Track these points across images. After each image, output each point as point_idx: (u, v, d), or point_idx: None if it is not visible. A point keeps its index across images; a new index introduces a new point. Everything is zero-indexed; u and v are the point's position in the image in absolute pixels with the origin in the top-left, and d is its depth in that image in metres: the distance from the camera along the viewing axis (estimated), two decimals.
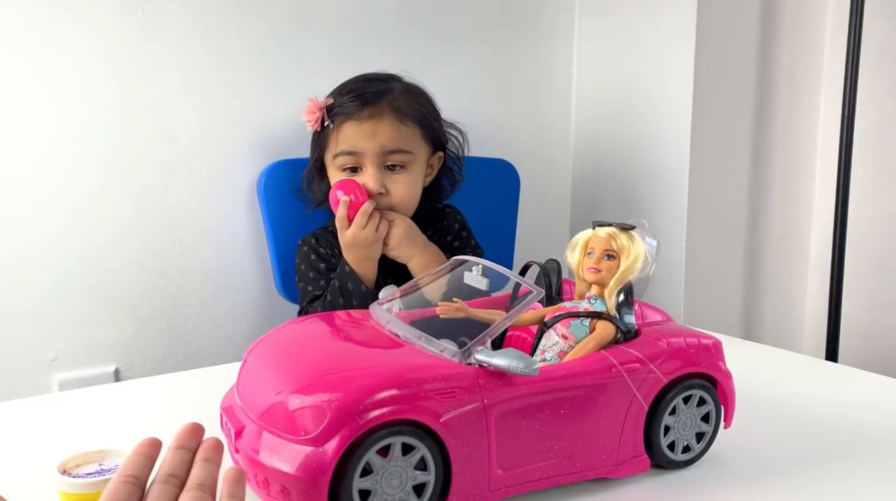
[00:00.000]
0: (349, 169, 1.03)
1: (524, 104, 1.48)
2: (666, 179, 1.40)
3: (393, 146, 1.01)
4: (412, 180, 1.04)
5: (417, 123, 1.04)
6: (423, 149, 1.05)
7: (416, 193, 1.05)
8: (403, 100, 1.04)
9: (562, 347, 0.58)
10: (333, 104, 1.03)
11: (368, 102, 1.02)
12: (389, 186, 1.02)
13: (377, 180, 1.01)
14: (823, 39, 1.49)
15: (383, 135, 1.01)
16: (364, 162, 1.02)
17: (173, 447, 0.43)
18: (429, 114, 1.07)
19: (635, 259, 0.58)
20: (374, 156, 1.01)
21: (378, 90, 1.04)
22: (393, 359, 0.53)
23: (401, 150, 1.02)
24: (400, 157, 1.02)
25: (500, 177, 1.38)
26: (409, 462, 0.48)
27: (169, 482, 0.41)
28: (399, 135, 1.02)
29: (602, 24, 1.49)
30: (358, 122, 1.01)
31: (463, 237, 1.11)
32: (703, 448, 0.60)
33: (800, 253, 1.56)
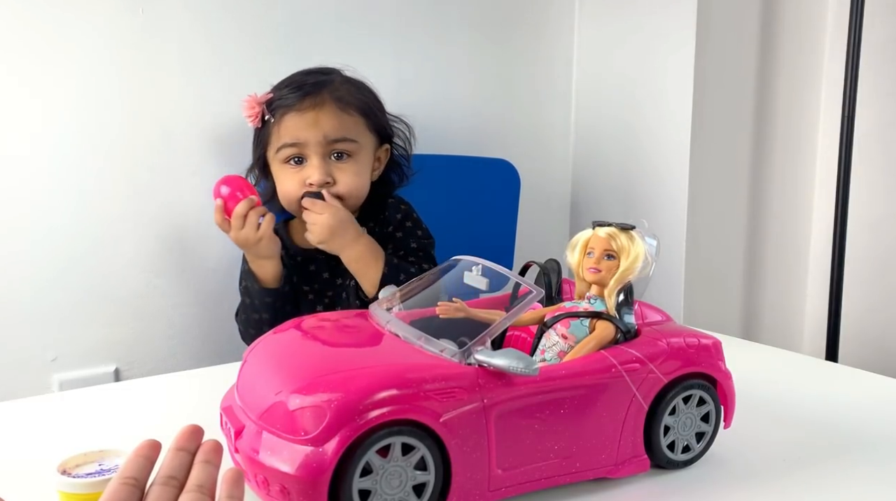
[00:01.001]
0: (294, 160, 1.01)
1: (524, 104, 1.49)
2: (666, 179, 1.40)
3: (337, 135, 1.00)
4: (359, 169, 1.02)
5: (361, 113, 1.02)
6: (368, 139, 1.04)
7: (363, 183, 1.03)
8: (345, 89, 1.03)
9: (562, 347, 0.58)
10: (273, 98, 1.02)
11: (309, 93, 1.00)
12: (336, 175, 1.01)
13: (322, 170, 0.99)
14: (823, 40, 1.49)
15: (326, 124, 0.99)
16: (308, 152, 1.00)
17: (173, 449, 0.43)
18: (372, 104, 1.05)
19: (635, 259, 0.58)
20: (318, 145, 0.99)
21: (318, 81, 1.02)
22: (393, 359, 0.53)
23: (346, 139, 1.00)
24: (345, 146, 1.01)
25: (500, 177, 1.38)
26: (409, 462, 0.48)
27: (168, 483, 0.41)
28: (342, 124, 1.00)
29: (602, 24, 1.49)
30: (299, 113, 0.99)
31: (406, 227, 1.08)
32: (703, 448, 0.60)
33: (800, 254, 1.56)
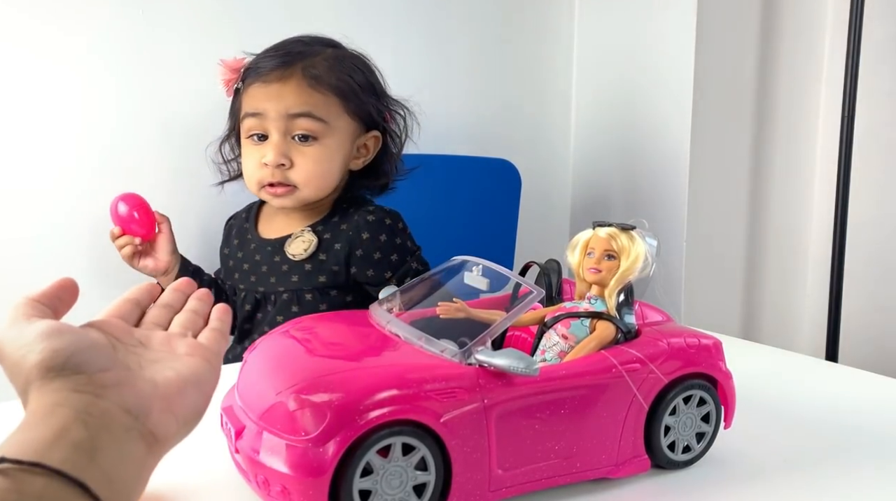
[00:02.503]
0: (257, 136, 0.93)
1: (524, 104, 1.49)
2: (666, 179, 1.40)
3: (299, 109, 0.91)
4: (323, 156, 0.93)
5: (337, 93, 0.93)
6: (343, 123, 0.94)
7: (326, 172, 0.94)
8: (324, 66, 0.93)
9: (562, 347, 0.58)
10: (249, 64, 0.95)
11: (282, 64, 0.92)
12: (295, 158, 0.92)
13: (279, 150, 0.91)
14: (823, 40, 1.49)
15: (290, 98, 0.91)
16: (268, 127, 0.92)
17: (170, 289, 0.49)
18: (358, 85, 0.95)
19: (636, 259, 0.58)
20: (279, 119, 0.91)
21: (298, 52, 0.94)
22: (393, 360, 0.53)
23: (310, 116, 0.91)
24: (309, 125, 0.91)
25: (501, 177, 1.38)
26: (410, 462, 0.48)
27: (166, 308, 0.48)
28: (308, 100, 0.91)
29: (602, 25, 1.49)
30: (265, 83, 0.92)
31: (356, 257, 0.94)
32: (704, 449, 0.60)
33: (800, 254, 1.56)
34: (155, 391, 0.39)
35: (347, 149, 0.96)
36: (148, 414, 0.37)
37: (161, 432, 0.38)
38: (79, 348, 0.37)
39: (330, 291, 0.96)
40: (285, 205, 0.96)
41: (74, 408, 0.34)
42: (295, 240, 0.96)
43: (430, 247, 1.29)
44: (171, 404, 0.39)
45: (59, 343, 0.37)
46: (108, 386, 0.37)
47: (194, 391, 0.41)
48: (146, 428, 0.37)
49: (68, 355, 0.37)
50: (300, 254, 0.95)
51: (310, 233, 0.96)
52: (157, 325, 0.46)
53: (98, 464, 0.33)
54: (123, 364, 0.40)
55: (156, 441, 0.38)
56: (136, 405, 0.37)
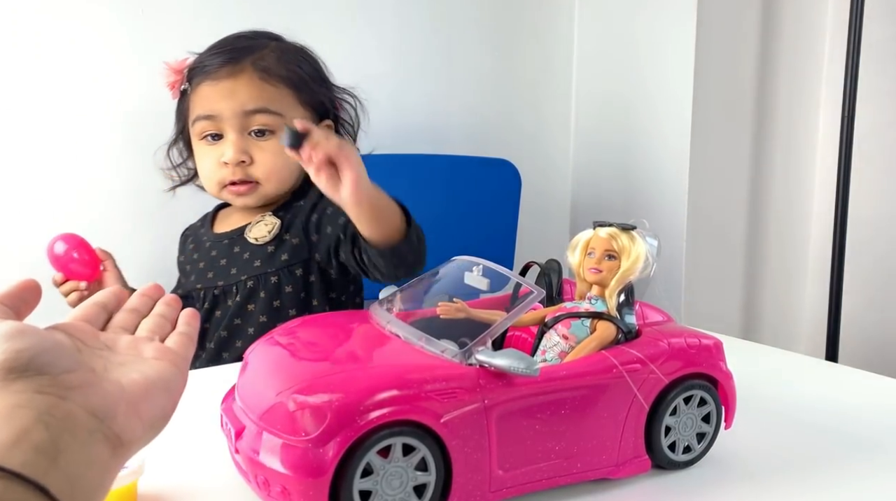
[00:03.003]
0: (211, 136, 0.92)
1: (524, 104, 1.49)
2: (666, 179, 1.40)
3: (255, 105, 0.90)
4: (282, 149, 0.92)
5: (289, 85, 0.92)
6: (297, 113, 0.93)
7: (286, 164, 0.92)
8: (272, 58, 0.92)
9: (562, 347, 0.58)
10: (193, 64, 0.93)
11: (230, 60, 0.90)
12: (255, 154, 0.91)
13: (238, 148, 0.90)
14: (823, 40, 1.49)
15: (243, 94, 0.89)
16: (224, 127, 0.90)
17: (137, 294, 0.49)
18: (307, 75, 0.95)
19: (636, 259, 0.58)
20: (235, 118, 0.89)
21: (245, 47, 0.92)
22: (393, 360, 0.53)
23: (266, 111, 0.90)
24: (265, 119, 0.90)
25: (501, 177, 1.38)
26: (410, 462, 0.48)
27: (133, 313, 0.47)
28: (263, 94, 0.90)
29: (602, 24, 1.49)
30: (215, 82, 0.90)
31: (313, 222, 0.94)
32: (704, 449, 0.60)
33: (800, 254, 1.56)
34: (121, 393, 0.38)
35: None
36: (114, 417, 0.37)
37: (126, 435, 0.37)
38: (42, 349, 0.36)
39: (295, 270, 0.93)
40: (248, 203, 0.95)
41: (37, 410, 0.34)
42: (256, 225, 0.94)
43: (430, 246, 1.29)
44: (136, 407, 0.38)
45: (21, 343, 0.36)
46: (73, 387, 0.36)
47: (161, 394, 0.40)
48: (111, 431, 0.36)
49: (31, 356, 0.36)
50: (264, 237, 0.93)
51: (271, 217, 0.94)
52: (124, 329, 0.46)
53: (60, 467, 0.32)
54: (88, 366, 0.39)
55: (121, 444, 0.37)
56: (101, 407, 0.36)
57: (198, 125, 0.92)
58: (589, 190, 1.55)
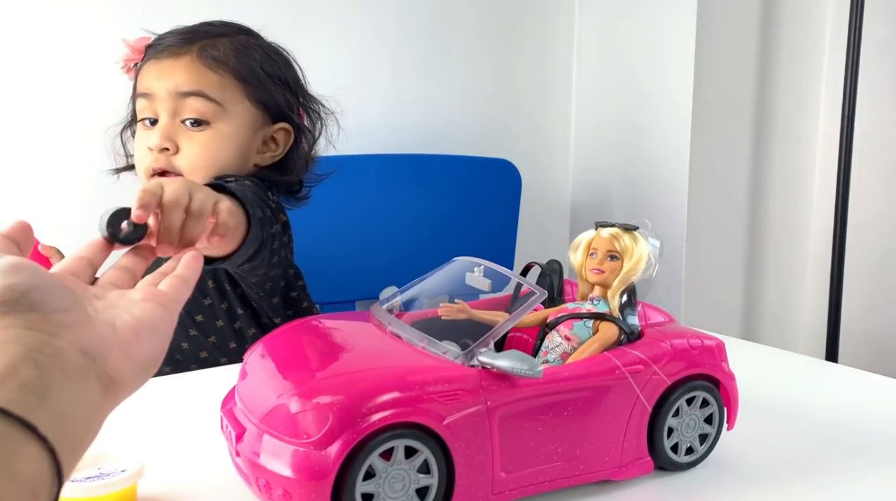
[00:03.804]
0: (149, 120, 0.85)
1: (525, 104, 1.48)
2: (666, 179, 1.40)
3: (189, 87, 0.82)
4: (213, 142, 0.84)
5: (236, 76, 0.85)
6: (241, 109, 0.86)
7: (214, 160, 0.84)
8: (227, 47, 0.86)
9: (565, 348, 0.58)
10: (150, 43, 0.88)
11: (180, 41, 0.85)
12: (181, 142, 0.83)
13: (164, 133, 0.82)
14: (823, 39, 1.49)
15: (180, 75, 0.83)
16: (157, 109, 0.83)
17: (128, 253, 0.46)
18: (265, 73, 0.88)
19: (638, 260, 0.58)
20: (168, 98, 0.83)
21: (202, 31, 0.87)
22: (395, 362, 0.53)
23: (202, 95, 0.83)
24: (200, 106, 0.83)
25: (501, 177, 1.37)
26: (412, 465, 0.48)
27: (125, 271, 0.44)
28: (201, 77, 0.83)
29: (602, 25, 1.48)
30: (158, 61, 0.84)
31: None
32: (707, 450, 0.60)
33: (799, 254, 1.56)
34: (114, 334, 0.37)
35: (245, 138, 0.87)
36: (106, 357, 0.36)
37: (118, 375, 0.36)
38: (36, 285, 0.35)
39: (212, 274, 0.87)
40: None
41: (26, 346, 0.33)
42: None
43: (430, 246, 1.29)
44: (128, 348, 0.37)
45: (14, 278, 0.35)
46: (65, 326, 0.35)
47: (151, 336, 0.39)
48: (103, 371, 0.36)
49: (24, 291, 0.35)
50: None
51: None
52: (114, 285, 0.43)
53: (48, 405, 0.31)
54: (81, 306, 0.38)
55: (112, 384, 0.36)
56: (94, 346, 0.36)
57: (137, 105, 0.86)
58: (589, 190, 1.55)
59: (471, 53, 1.41)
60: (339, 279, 1.24)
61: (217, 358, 0.91)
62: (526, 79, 1.48)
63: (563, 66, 1.52)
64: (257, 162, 0.90)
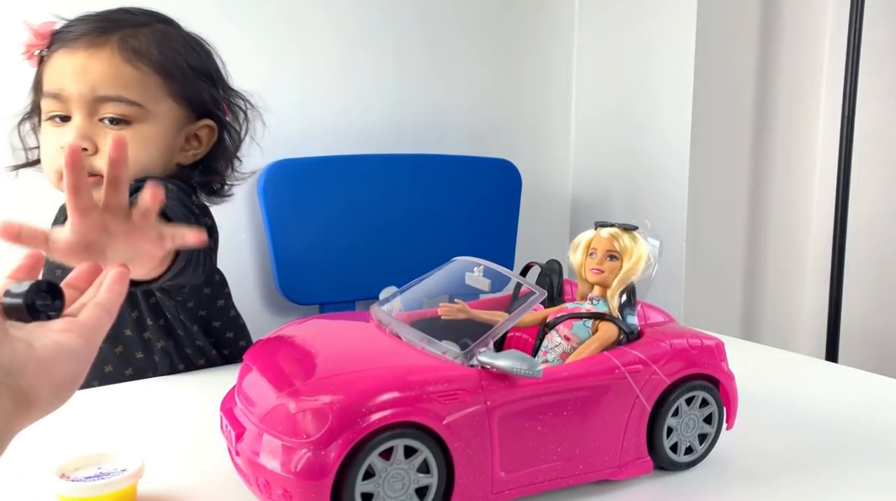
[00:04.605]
0: (59, 117, 0.78)
1: (525, 104, 1.48)
2: (666, 179, 1.40)
3: (107, 91, 0.76)
4: (135, 143, 0.76)
5: (159, 70, 0.79)
6: (165, 108, 0.80)
7: (146, 162, 0.79)
8: (149, 38, 0.79)
9: (564, 348, 0.58)
10: (59, 29, 0.80)
11: (95, 30, 0.77)
12: (101, 143, 0.76)
13: (81, 132, 0.76)
14: (823, 39, 1.49)
15: (97, 74, 0.76)
16: (71, 108, 0.77)
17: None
18: (189, 66, 0.82)
19: (638, 259, 0.58)
20: (82, 101, 0.76)
21: (120, 19, 0.79)
22: (395, 361, 0.53)
23: (121, 99, 0.76)
24: (120, 109, 0.77)
25: (502, 177, 1.37)
26: (412, 464, 0.48)
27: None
28: (121, 78, 0.77)
29: (602, 25, 1.48)
30: (70, 52, 0.77)
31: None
32: (706, 450, 0.60)
33: (800, 254, 1.56)
34: (32, 352, 0.38)
35: (169, 138, 0.82)
36: (22, 372, 0.37)
37: (33, 394, 0.37)
38: None
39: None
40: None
41: None
42: None
43: (430, 246, 1.29)
44: (46, 368, 0.38)
45: None
46: None
47: (70, 359, 0.40)
48: (18, 386, 0.36)
49: None
50: None
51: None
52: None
53: None
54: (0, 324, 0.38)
55: (26, 401, 0.37)
56: (9, 361, 0.36)
57: (44, 103, 0.79)
58: (589, 190, 1.55)
59: (471, 53, 1.41)
60: (339, 279, 1.24)
61: (122, 371, 0.85)
62: (526, 79, 1.48)
63: (563, 66, 1.52)
64: (180, 160, 0.85)
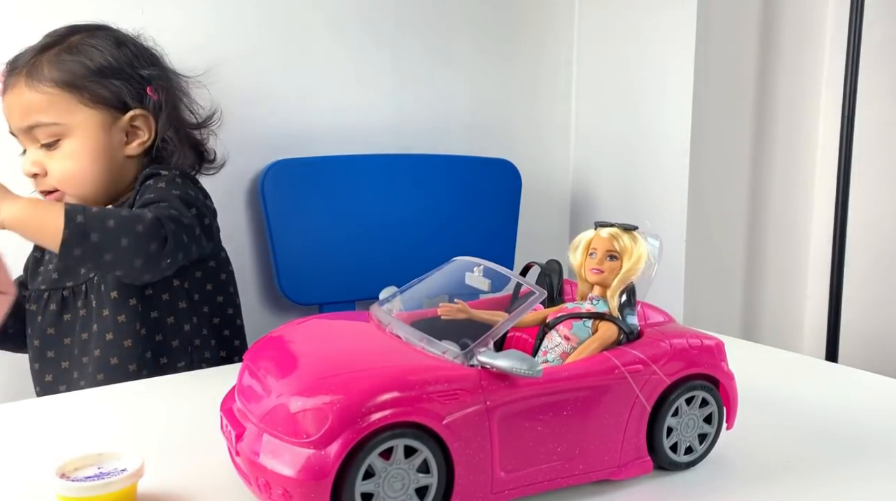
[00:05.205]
0: (24, 150, 0.91)
1: (524, 104, 1.48)
2: (666, 179, 1.40)
3: (27, 121, 0.87)
4: (70, 155, 0.88)
5: (62, 86, 0.87)
6: (82, 116, 0.88)
7: (79, 169, 0.89)
8: (49, 58, 0.87)
9: (564, 348, 0.58)
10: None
11: (9, 71, 0.88)
12: (47, 165, 0.88)
13: (30, 161, 0.88)
14: (823, 40, 1.49)
15: (16, 110, 0.87)
16: (23, 142, 0.90)
17: None
18: (92, 70, 0.89)
19: (638, 259, 0.58)
20: (22, 134, 0.88)
21: (30, 50, 0.88)
22: (395, 361, 0.53)
23: (40, 125, 0.87)
24: (45, 132, 0.87)
25: (502, 177, 1.38)
26: (412, 464, 0.48)
27: None
28: (31, 106, 0.86)
29: (602, 25, 1.49)
30: (4, 97, 0.88)
31: (146, 185, 0.89)
32: (706, 450, 0.60)
33: (800, 254, 1.56)
34: None
35: (100, 140, 0.90)
36: None
37: None
38: None
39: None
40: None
41: None
42: None
43: (430, 246, 1.29)
44: None
45: None
46: None
47: None
48: None
49: None
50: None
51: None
52: None
53: None
54: None
55: None
56: None
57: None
58: (589, 190, 1.55)
59: (471, 53, 1.41)
60: (339, 279, 1.24)
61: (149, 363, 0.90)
62: (526, 79, 1.48)
63: (563, 65, 1.52)
64: (129, 153, 0.92)
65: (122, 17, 1.09)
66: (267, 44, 1.22)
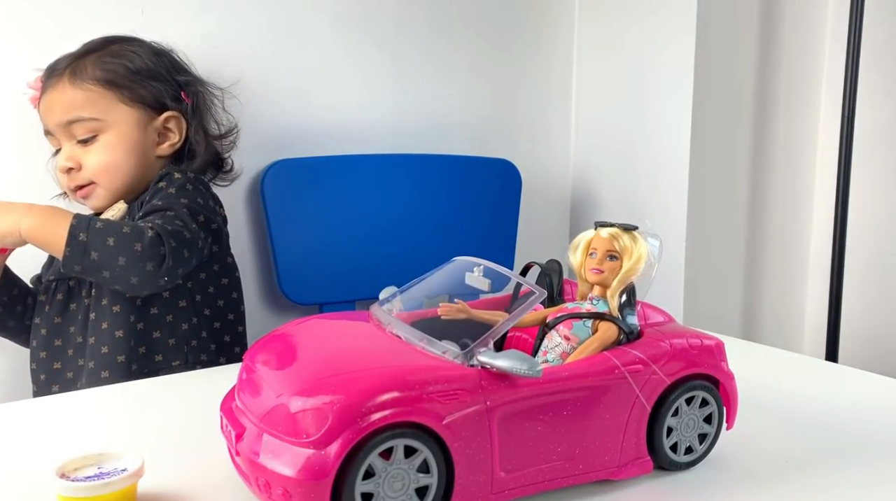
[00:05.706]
0: (57, 150, 0.96)
1: (525, 104, 1.48)
2: (666, 179, 1.40)
3: (67, 116, 0.92)
4: (105, 149, 0.93)
5: (104, 84, 0.93)
6: (122, 114, 0.94)
7: (117, 161, 0.94)
8: (92, 60, 0.93)
9: (564, 348, 0.58)
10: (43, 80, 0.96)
11: (52, 73, 0.94)
12: (82, 160, 0.94)
13: (66, 156, 0.93)
14: (823, 40, 1.49)
15: (57, 106, 0.92)
16: (59, 139, 0.95)
17: None
18: (132, 72, 0.95)
19: (638, 259, 0.58)
20: (59, 130, 0.93)
21: (73, 55, 0.94)
22: (395, 361, 0.53)
23: (80, 119, 0.92)
24: (84, 128, 0.93)
25: (502, 177, 1.38)
26: (412, 464, 0.48)
27: None
28: (73, 103, 0.92)
29: (602, 25, 1.49)
30: (44, 96, 0.94)
31: (159, 188, 0.93)
32: (706, 450, 0.60)
33: (800, 254, 1.56)
34: None
35: (135, 137, 0.95)
36: None
37: None
38: None
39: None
40: (95, 205, 0.97)
41: None
42: (105, 213, 0.96)
43: (430, 246, 1.29)
44: None
45: None
46: None
47: None
48: None
49: None
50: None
51: (121, 203, 0.96)
52: None
53: None
54: None
55: None
56: None
57: (48, 140, 0.97)
58: (589, 190, 1.55)
59: (471, 53, 1.41)
60: (339, 279, 1.24)
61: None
62: (526, 79, 1.48)
63: (563, 65, 1.52)
64: (159, 153, 0.98)
65: (122, 17, 1.10)
66: (267, 44, 1.22)
